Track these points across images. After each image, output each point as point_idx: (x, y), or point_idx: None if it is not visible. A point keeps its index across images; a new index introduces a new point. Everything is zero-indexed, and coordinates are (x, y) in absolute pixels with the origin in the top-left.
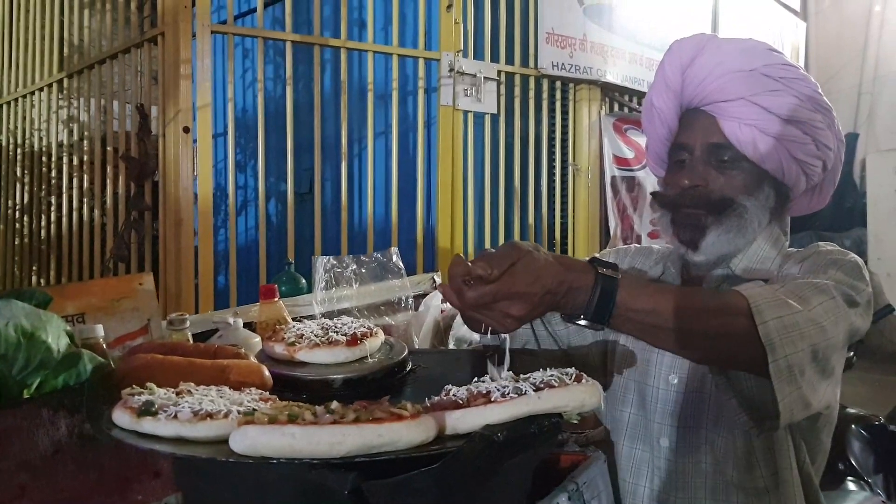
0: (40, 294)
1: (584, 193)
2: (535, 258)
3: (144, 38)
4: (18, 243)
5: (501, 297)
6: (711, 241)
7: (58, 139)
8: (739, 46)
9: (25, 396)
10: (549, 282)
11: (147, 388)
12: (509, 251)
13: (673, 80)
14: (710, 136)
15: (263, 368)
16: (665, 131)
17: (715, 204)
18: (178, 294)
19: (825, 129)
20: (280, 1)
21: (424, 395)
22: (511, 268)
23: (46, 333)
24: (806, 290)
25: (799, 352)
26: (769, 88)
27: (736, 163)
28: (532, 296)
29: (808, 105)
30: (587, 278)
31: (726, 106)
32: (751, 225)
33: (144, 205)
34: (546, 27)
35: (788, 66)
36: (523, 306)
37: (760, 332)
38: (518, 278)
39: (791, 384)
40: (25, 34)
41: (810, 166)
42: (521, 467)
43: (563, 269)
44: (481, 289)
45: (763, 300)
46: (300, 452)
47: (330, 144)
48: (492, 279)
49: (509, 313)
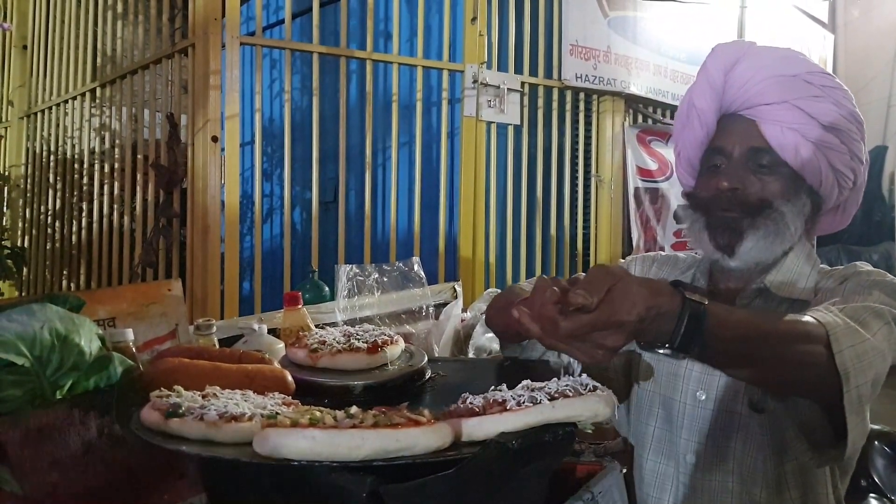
0: (73, 298)
1: (607, 205)
2: (627, 283)
3: (175, 49)
4: (50, 248)
5: (599, 328)
6: (749, 246)
7: (90, 147)
8: (780, 53)
9: (58, 397)
10: (641, 309)
11: (175, 391)
12: (604, 276)
13: (716, 80)
14: (750, 140)
15: (287, 374)
16: (703, 133)
17: (752, 207)
18: (204, 299)
19: (859, 141)
20: (307, 13)
21: (443, 402)
22: (608, 295)
23: (79, 336)
24: (865, 314)
25: (868, 382)
26: (811, 94)
27: (774, 168)
28: (629, 325)
29: (845, 114)
30: (674, 303)
31: (769, 109)
32: (787, 231)
33: (173, 212)
34: (570, 39)
35: (827, 74)
36: (620, 336)
37: (837, 361)
38: (616, 307)
39: (859, 415)
40: (60, 45)
41: (845, 177)
42: (537, 475)
43: (652, 294)
44: (580, 319)
45: (839, 328)
46: (320, 455)
47: (354, 154)
48: (592, 308)
49: (604, 344)
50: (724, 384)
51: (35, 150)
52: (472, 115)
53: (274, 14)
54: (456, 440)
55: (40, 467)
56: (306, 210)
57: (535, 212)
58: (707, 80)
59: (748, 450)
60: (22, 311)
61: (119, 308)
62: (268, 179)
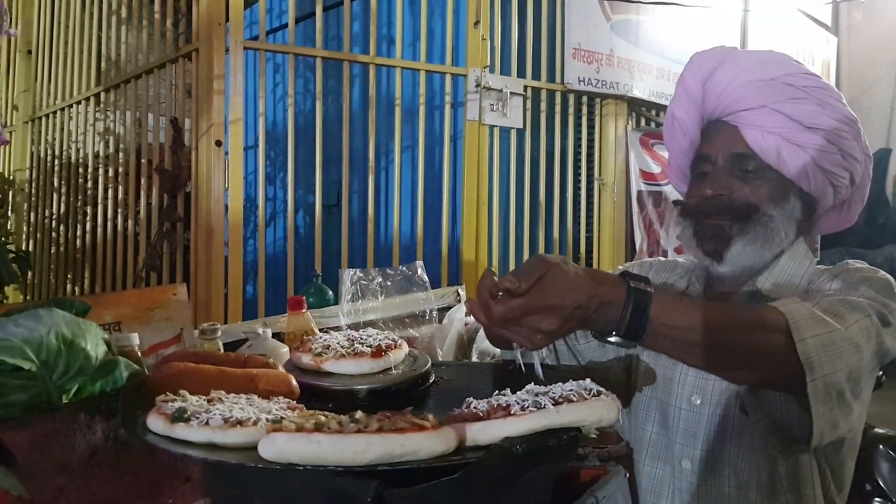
0: (79, 303)
1: (610, 208)
2: (564, 271)
3: (179, 53)
4: (54, 252)
5: (531, 312)
6: (737, 251)
7: (94, 151)
8: (759, 57)
9: (64, 402)
10: (579, 296)
11: (180, 396)
12: (538, 264)
13: (694, 91)
14: (732, 146)
15: (291, 378)
16: (687, 143)
17: (739, 212)
18: (207, 303)
19: (850, 140)
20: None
21: (447, 406)
22: (540, 281)
23: (85, 341)
24: (841, 307)
25: (836, 372)
26: (791, 96)
27: (760, 172)
28: (562, 310)
29: (832, 114)
30: (619, 292)
31: (748, 115)
32: (777, 235)
33: (177, 216)
34: (572, 43)
35: (810, 75)
36: (553, 321)
37: (799, 350)
38: (547, 291)
39: (826, 405)
40: (65, 49)
41: (837, 177)
42: (541, 480)
43: (594, 283)
44: (510, 303)
45: (801, 317)
46: (325, 460)
47: (357, 158)
48: (520, 292)
49: (539, 328)
50: (720, 388)
51: (40, 154)
52: (475, 118)
53: (277, 18)
54: (460, 445)
55: (46, 471)
56: (309, 214)
57: (538, 215)
58: (684, 91)
59: (743, 454)
60: (28, 316)
61: (124, 312)
62: (271, 183)
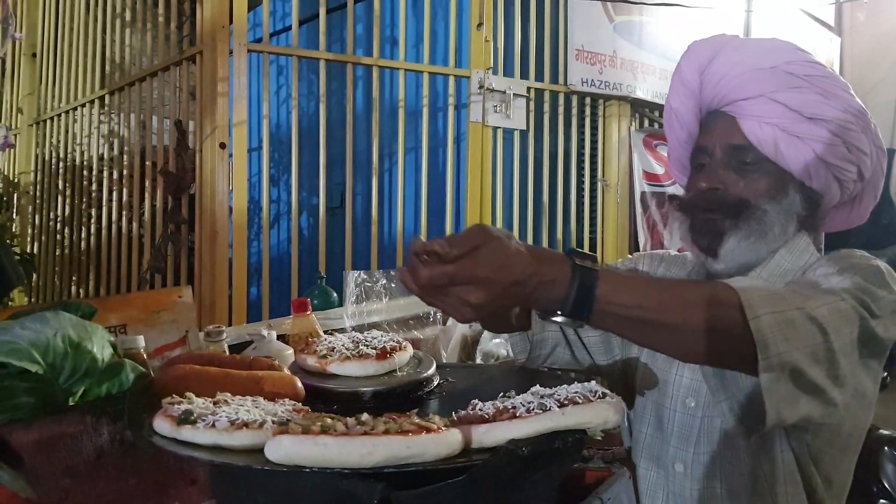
0: (86, 306)
1: (614, 209)
2: (503, 244)
3: (183, 56)
4: (59, 254)
5: (459, 281)
6: (731, 247)
7: (98, 153)
8: (760, 45)
9: (71, 404)
10: (517, 272)
11: (186, 398)
12: (476, 234)
13: (691, 80)
14: (729, 138)
15: (296, 380)
16: (685, 134)
17: (732, 207)
18: (212, 305)
19: (857, 132)
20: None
21: (452, 408)
22: (474, 251)
23: (92, 344)
24: (809, 290)
25: (794, 350)
26: (791, 85)
27: (758, 165)
28: (495, 284)
29: (836, 104)
30: (563, 270)
31: (745, 104)
32: (772, 230)
33: (181, 218)
34: (576, 44)
35: (814, 63)
36: (483, 294)
37: (752, 327)
38: (481, 262)
39: (780, 381)
40: (69, 53)
41: (843, 171)
42: (546, 482)
43: (535, 260)
44: (438, 268)
45: (755, 294)
46: (332, 462)
47: (361, 159)
48: (449, 258)
49: (467, 300)
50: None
51: (44, 156)
52: (479, 120)
53: (280, 21)
54: (466, 447)
55: (53, 473)
56: (313, 216)
57: (542, 216)
58: (681, 81)
59: (735, 458)
60: (35, 319)
61: (130, 315)
62: (275, 185)
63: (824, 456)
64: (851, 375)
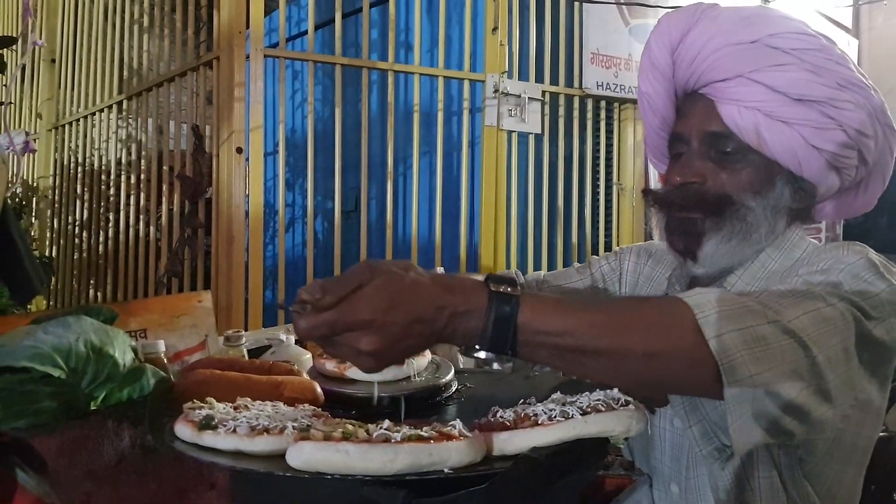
0: (107, 310)
1: (629, 213)
2: (392, 280)
3: (200, 61)
4: (77, 258)
5: (342, 328)
6: (710, 250)
7: (116, 158)
8: (740, 15)
9: (93, 408)
10: (418, 308)
11: (207, 403)
12: (358, 272)
13: (661, 61)
14: (707, 124)
15: (316, 385)
16: (658, 121)
17: (711, 204)
18: (228, 309)
19: (855, 110)
20: (328, 24)
21: (470, 414)
22: (355, 292)
23: (114, 348)
24: (787, 297)
25: (767, 371)
26: (775, 62)
27: (740, 155)
28: (389, 326)
29: (828, 80)
30: (477, 300)
31: (723, 87)
32: (757, 230)
33: (198, 222)
34: (591, 47)
35: (803, 34)
36: (376, 339)
37: (713, 349)
38: (363, 304)
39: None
40: (87, 58)
41: (840, 157)
42: (568, 490)
43: (440, 291)
44: (313, 318)
45: (716, 310)
46: (353, 469)
47: (376, 164)
48: (324, 306)
49: (359, 348)
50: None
51: (63, 161)
52: (493, 124)
53: (296, 26)
54: (487, 454)
55: (75, 477)
56: (328, 220)
57: (557, 220)
58: (650, 61)
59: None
60: (58, 324)
61: (150, 319)
62: (290, 189)
63: (825, 470)
64: (847, 387)
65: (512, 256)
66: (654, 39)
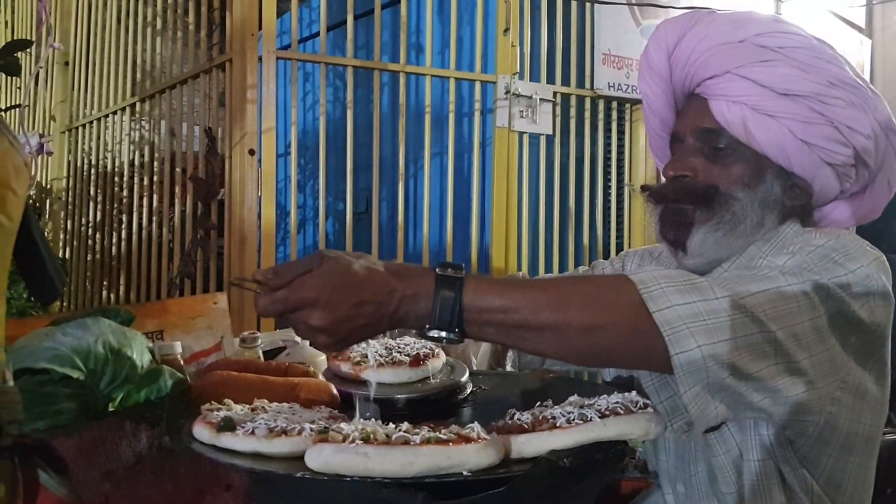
0: (125, 312)
1: (640, 214)
2: (341, 264)
3: (213, 64)
4: (90, 259)
5: (293, 306)
6: (699, 239)
7: (129, 160)
8: (731, 18)
9: (111, 409)
10: (367, 290)
11: (224, 405)
12: (311, 258)
13: (657, 62)
14: (699, 121)
15: (332, 387)
16: (657, 122)
17: (700, 195)
18: (241, 310)
19: (847, 108)
20: (340, 26)
21: (486, 416)
22: (307, 273)
23: (131, 350)
24: (743, 278)
25: (717, 343)
26: (760, 59)
27: (731, 150)
28: (336, 304)
29: (816, 77)
30: (424, 283)
31: (712, 83)
32: (744, 222)
33: (210, 223)
34: (602, 48)
35: (791, 34)
36: (323, 315)
37: (657, 321)
38: (312, 284)
39: (706, 375)
40: (101, 61)
41: (831, 153)
42: (586, 493)
43: (390, 277)
44: (268, 296)
45: (657, 285)
46: (373, 471)
47: (387, 165)
48: (274, 285)
49: (310, 324)
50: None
51: (76, 163)
52: (505, 125)
53: (307, 28)
54: (506, 457)
55: (93, 478)
56: (339, 221)
57: (568, 222)
58: (648, 64)
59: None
60: (76, 326)
61: (166, 321)
62: (301, 191)
63: (821, 456)
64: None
65: (523, 258)
66: (651, 44)
